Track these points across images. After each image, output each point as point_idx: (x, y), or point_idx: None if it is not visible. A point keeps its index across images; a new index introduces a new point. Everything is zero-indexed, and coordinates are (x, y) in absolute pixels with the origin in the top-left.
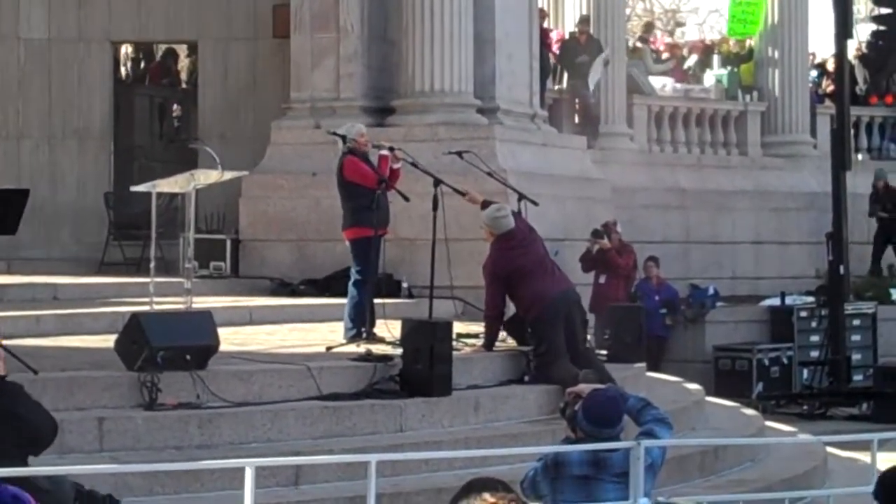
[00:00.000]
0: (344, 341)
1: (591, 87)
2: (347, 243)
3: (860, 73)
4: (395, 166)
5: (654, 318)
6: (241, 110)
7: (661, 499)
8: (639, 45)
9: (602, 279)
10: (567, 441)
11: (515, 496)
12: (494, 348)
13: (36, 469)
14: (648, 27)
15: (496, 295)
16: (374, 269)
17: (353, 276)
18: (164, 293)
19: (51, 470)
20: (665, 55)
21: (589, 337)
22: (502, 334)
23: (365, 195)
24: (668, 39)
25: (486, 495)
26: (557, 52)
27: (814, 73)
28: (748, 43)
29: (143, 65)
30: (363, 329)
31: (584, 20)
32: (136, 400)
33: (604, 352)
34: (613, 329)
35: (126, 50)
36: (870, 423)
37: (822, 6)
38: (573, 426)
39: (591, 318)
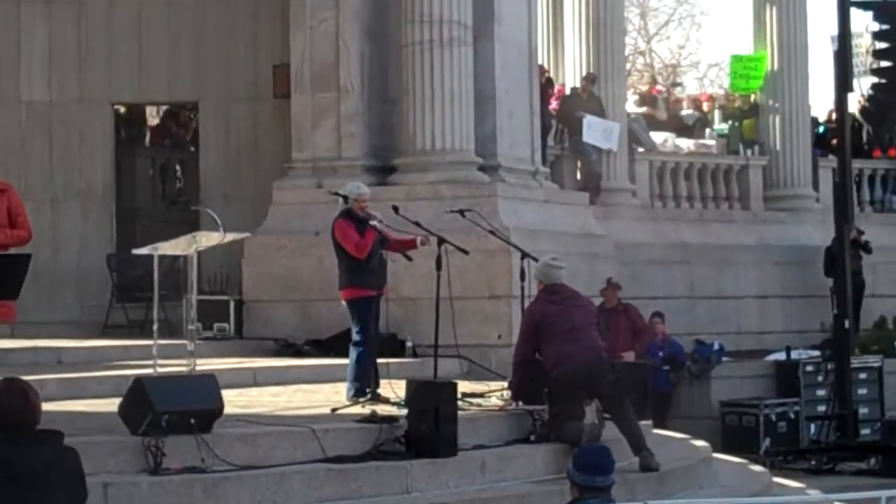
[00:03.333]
0: (347, 403)
1: (586, 139)
2: (344, 303)
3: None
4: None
5: (659, 374)
6: (243, 170)
7: None
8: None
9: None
10: None
11: None
12: (508, 408)
13: None
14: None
15: (525, 342)
16: (374, 329)
17: (353, 336)
18: (167, 356)
19: None
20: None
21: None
22: (507, 392)
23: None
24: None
25: None
26: (557, 107)
27: (821, 128)
28: (752, 98)
29: (136, 127)
30: (368, 389)
31: (590, 78)
32: (140, 465)
33: None
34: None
35: (118, 111)
36: (878, 477)
37: (823, 60)
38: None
39: None
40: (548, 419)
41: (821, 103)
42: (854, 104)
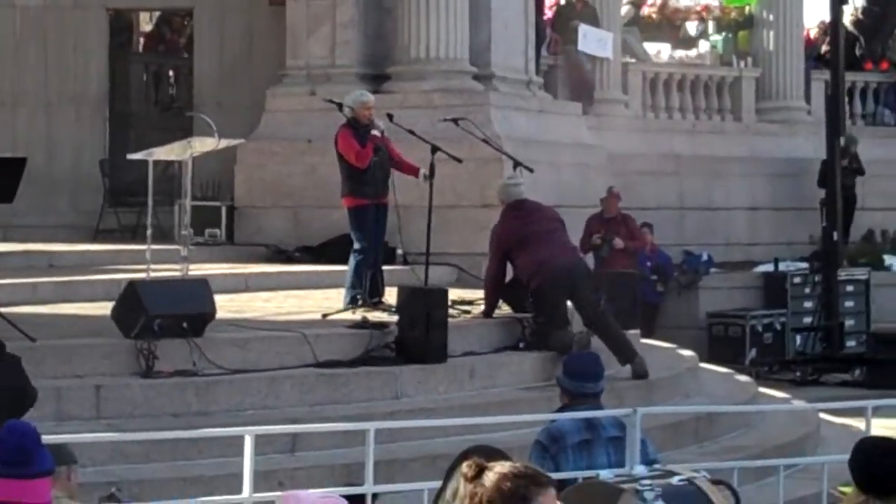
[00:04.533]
0: (342, 308)
1: (581, 48)
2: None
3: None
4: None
5: (647, 284)
6: (237, 77)
7: (657, 465)
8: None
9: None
10: (561, 410)
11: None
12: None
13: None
14: None
15: (497, 262)
16: (373, 238)
17: (354, 244)
18: (160, 260)
19: (49, 439)
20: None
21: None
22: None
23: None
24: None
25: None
26: (552, 17)
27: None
28: (746, 10)
29: (126, 33)
30: (359, 296)
31: None
32: (133, 367)
33: None
34: (607, 295)
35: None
36: (863, 388)
37: None
38: None
39: None
40: (534, 326)
41: (815, 16)
42: (847, 17)
